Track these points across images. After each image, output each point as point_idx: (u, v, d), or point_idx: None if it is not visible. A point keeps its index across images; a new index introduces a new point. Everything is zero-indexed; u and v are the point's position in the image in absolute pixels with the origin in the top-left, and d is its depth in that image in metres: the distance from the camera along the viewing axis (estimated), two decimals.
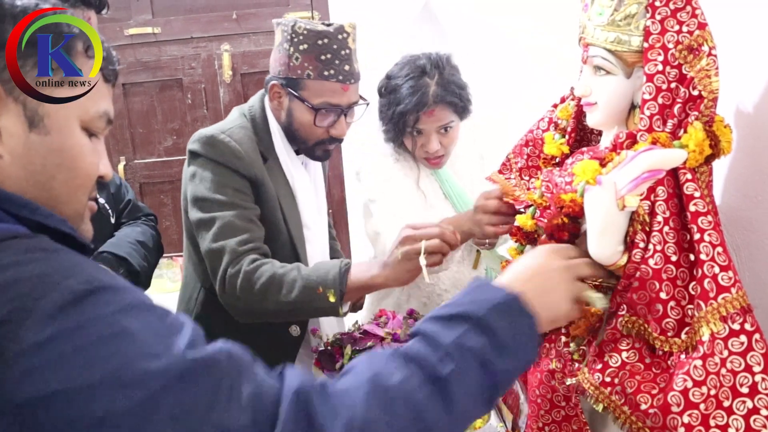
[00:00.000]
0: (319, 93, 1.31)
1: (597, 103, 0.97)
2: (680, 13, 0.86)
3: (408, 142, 1.57)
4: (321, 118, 1.33)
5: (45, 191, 0.64)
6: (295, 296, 1.19)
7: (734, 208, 1.03)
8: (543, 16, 2.34)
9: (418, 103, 1.47)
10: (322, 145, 1.38)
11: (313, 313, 1.28)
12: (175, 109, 3.03)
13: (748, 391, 0.78)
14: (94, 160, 0.68)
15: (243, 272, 1.22)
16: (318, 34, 1.28)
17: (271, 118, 1.38)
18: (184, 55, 2.97)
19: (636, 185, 0.80)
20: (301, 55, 1.29)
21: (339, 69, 1.30)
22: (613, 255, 0.86)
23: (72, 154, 0.65)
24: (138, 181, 3.09)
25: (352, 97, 1.35)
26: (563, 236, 0.92)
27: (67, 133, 0.64)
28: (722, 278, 0.79)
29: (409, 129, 1.52)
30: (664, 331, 0.83)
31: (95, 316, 0.53)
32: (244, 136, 1.33)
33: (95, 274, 0.56)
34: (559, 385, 0.96)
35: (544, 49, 2.30)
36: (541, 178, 1.09)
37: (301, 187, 1.43)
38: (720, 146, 0.87)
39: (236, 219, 1.27)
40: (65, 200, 0.66)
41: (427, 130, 1.52)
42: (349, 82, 1.33)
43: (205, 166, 1.30)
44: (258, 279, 1.21)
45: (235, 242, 1.24)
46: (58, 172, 0.64)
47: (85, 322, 0.52)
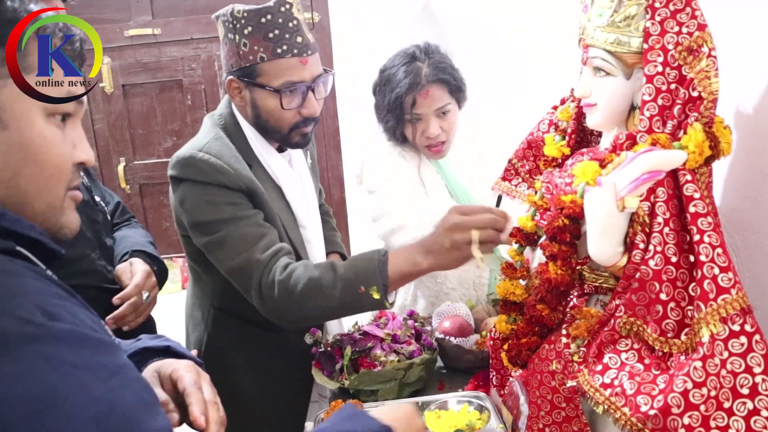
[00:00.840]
0: (277, 74, 1.22)
1: (597, 104, 0.97)
2: (680, 15, 0.86)
3: (408, 131, 1.58)
4: (287, 100, 1.24)
5: (11, 189, 0.61)
6: (338, 300, 1.13)
7: (734, 209, 1.03)
8: (543, 16, 2.34)
9: (412, 84, 1.50)
10: (297, 129, 1.29)
11: (360, 311, 1.21)
12: (175, 110, 3.04)
13: (749, 392, 0.78)
14: (63, 150, 0.64)
15: (277, 282, 1.16)
16: (259, 12, 1.20)
17: (241, 121, 1.32)
18: (184, 56, 2.97)
19: (636, 186, 0.80)
20: (248, 39, 1.21)
21: (291, 42, 1.20)
22: (613, 256, 0.86)
23: (35, 147, 0.61)
24: (138, 182, 3.09)
25: (314, 69, 1.25)
26: (564, 237, 0.92)
27: (27, 125, 0.61)
28: (722, 279, 0.79)
29: (408, 115, 1.54)
30: (663, 332, 0.83)
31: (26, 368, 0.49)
32: (223, 148, 1.26)
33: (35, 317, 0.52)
34: (559, 387, 0.95)
35: (544, 49, 2.30)
36: (541, 179, 1.09)
37: (289, 186, 1.38)
38: (720, 147, 0.87)
39: (246, 228, 1.21)
40: (35, 195, 0.62)
41: (425, 114, 1.54)
42: (306, 53, 1.23)
43: (191, 190, 1.23)
44: (294, 287, 1.15)
45: (257, 252, 1.19)
46: (23, 166, 0.61)
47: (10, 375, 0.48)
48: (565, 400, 0.95)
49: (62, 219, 0.66)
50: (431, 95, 1.53)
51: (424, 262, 1.12)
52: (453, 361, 1.41)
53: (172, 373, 0.79)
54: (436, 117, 1.55)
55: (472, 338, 1.45)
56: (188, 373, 0.78)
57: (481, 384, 1.31)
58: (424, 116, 1.55)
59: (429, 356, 1.32)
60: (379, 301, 1.13)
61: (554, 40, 2.20)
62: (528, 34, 2.38)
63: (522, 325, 1.04)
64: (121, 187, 3.09)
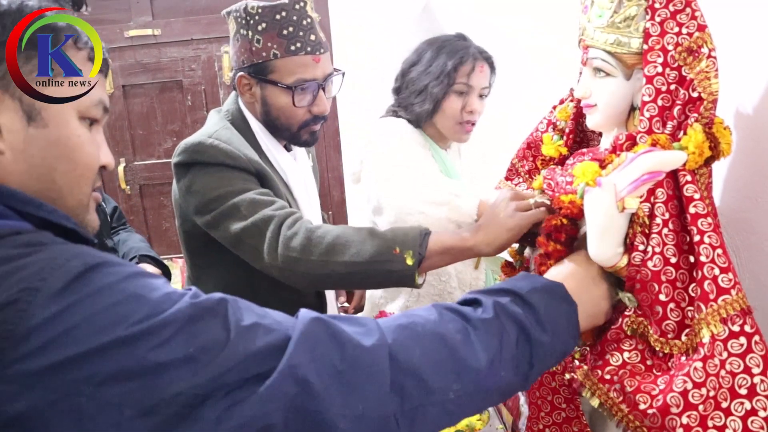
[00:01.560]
0: (291, 71, 1.22)
1: (597, 104, 0.97)
2: (680, 15, 0.86)
3: (450, 103, 1.54)
4: (299, 97, 1.24)
5: (47, 184, 0.65)
6: (368, 257, 1.03)
7: (734, 210, 1.03)
8: (543, 16, 2.34)
9: (473, 54, 1.54)
10: (306, 127, 1.29)
11: (384, 280, 1.09)
12: (175, 111, 3.04)
13: (747, 393, 0.78)
14: (93, 150, 0.68)
15: (304, 230, 1.08)
16: (274, 9, 1.20)
17: (249, 117, 1.31)
18: (184, 56, 2.97)
19: (636, 187, 0.80)
20: (261, 36, 1.20)
21: (305, 40, 1.21)
22: (613, 257, 0.86)
23: (70, 145, 0.65)
24: (138, 183, 3.09)
25: (326, 68, 1.25)
26: (560, 237, 0.92)
27: (65, 124, 0.65)
28: (722, 280, 0.79)
29: (460, 85, 1.53)
30: (664, 333, 0.83)
31: (100, 286, 0.56)
32: (233, 136, 1.24)
33: (94, 254, 0.58)
34: (559, 387, 0.96)
35: (544, 49, 2.30)
36: (542, 175, 1.09)
37: (296, 184, 1.36)
38: (720, 148, 0.87)
39: (258, 195, 1.15)
40: (68, 192, 0.67)
41: (474, 87, 1.55)
42: (319, 52, 1.23)
43: (201, 171, 1.19)
44: (322, 237, 1.07)
45: (272, 210, 1.12)
46: (58, 163, 0.65)
47: (92, 293, 0.55)
48: (566, 401, 0.95)
49: (87, 217, 0.71)
50: (484, 71, 1.57)
51: (470, 238, 1.04)
52: None
53: None
54: (478, 96, 1.58)
55: None
56: None
57: None
58: (473, 89, 1.56)
59: None
60: (410, 269, 1.03)
61: (554, 40, 2.20)
62: (528, 34, 2.39)
63: None
64: (121, 188, 3.09)
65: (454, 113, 1.55)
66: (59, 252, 0.57)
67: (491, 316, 0.70)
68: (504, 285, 0.76)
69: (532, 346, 0.71)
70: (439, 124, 1.59)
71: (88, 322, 0.54)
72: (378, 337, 0.64)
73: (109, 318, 0.54)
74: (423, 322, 0.67)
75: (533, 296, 0.74)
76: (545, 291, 0.76)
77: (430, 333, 0.66)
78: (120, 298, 0.56)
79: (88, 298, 0.54)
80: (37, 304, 0.52)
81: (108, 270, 0.57)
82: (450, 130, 1.59)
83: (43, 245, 0.58)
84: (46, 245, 0.58)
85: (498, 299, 0.72)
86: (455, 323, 0.69)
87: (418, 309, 0.68)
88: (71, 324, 0.53)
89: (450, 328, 0.68)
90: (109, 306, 0.55)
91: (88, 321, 0.54)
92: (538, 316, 0.72)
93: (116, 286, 0.56)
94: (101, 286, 0.56)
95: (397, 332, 0.65)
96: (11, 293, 0.52)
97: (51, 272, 0.54)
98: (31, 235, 0.59)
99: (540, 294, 0.75)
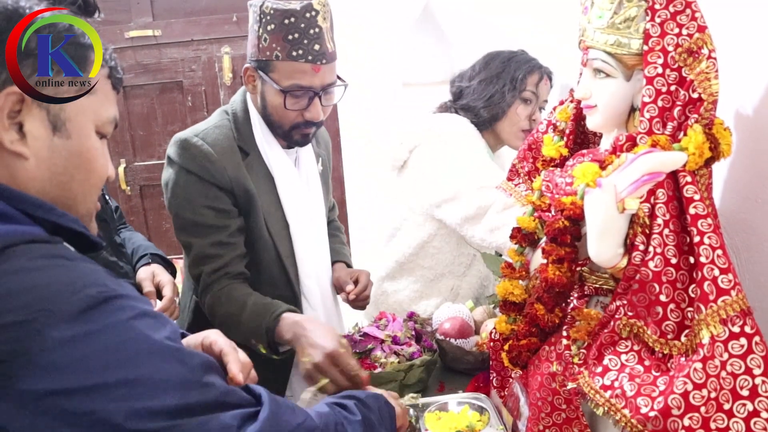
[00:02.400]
0: (288, 75, 1.26)
1: (597, 105, 0.97)
2: (680, 16, 0.86)
3: (516, 109, 1.67)
4: (291, 102, 1.28)
5: (65, 191, 0.67)
6: (242, 338, 1.18)
7: (734, 211, 1.03)
8: (543, 16, 2.34)
9: (540, 66, 1.68)
10: (298, 129, 1.34)
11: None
12: (175, 112, 3.03)
13: (749, 394, 0.78)
14: (105, 162, 0.72)
15: (209, 298, 1.31)
16: (284, 13, 1.23)
17: (251, 110, 1.36)
18: (185, 57, 2.97)
19: (636, 188, 0.80)
20: (269, 35, 1.25)
21: (308, 49, 1.24)
22: (613, 257, 0.86)
23: (89, 156, 0.69)
24: (138, 184, 3.09)
25: (325, 78, 1.29)
26: (565, 239, 0.92)
27: (86, 136, 0.68)
28: (722, 281, 0.79)
29: (528, 93, 1.66)
30: (663, 333, 0.83)
31: (114, 321, 0.58)
32: (219, 135, 1.31)
33: (109, 284, 0.61)
34: (559, 388, 0.96)
35: (544, 49, 2.30)
36: (541, 178, 1.09)
37: (283, 179, 1.39)
38: (720, 149, 0.87)
39: (207, 248, 1.31)
40: (81, 200, 0.70)
41: (539, 97, 1.68)
42: (321, 62, 1.26)
43: (178, 176, 1.30)
44: (217, 311, 1.30)
45: (208, 270, 1.31)
46: (77, 173, 0.68)
47: (104, 327, 0.57)
48: (566, 401, 0.95)
49: (90, 224, 0.73)
50: (547, 84, 1.70)
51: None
52: (453, 362, 1.41)
53: (204, 339, 0.85)
54: (538, 108, 1.70)
55: (472, 340, 1.44)
56: (221, 337, 0.85)
57: (482, 385, 1.31)
58: (537, 99, 1.68)
59: (429, 358, 1.32)
60: (266, 355, 1.22)
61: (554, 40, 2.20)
62: (528, 33, 2.38)
63: (522, 326, 1.04)
64: (122, 189, 3.09)
65: (519, 120, 1.68)
66: (78, 274, 0.59)
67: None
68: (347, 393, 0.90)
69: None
70: (501, 128, 1.70)
71: (97, 356, 0.56)
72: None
73: (118, 356, 0.57)
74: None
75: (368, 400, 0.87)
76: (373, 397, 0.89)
77: None
78: (131, 335, 0.59)
79: (100, 332, 0.57)
80: (52, 327, 0.54)
81: (122, 303, 0.60)
82: (511, 136, 1.71)
83: (62, 259, 0.60)
84: (65, 260, 0.60)
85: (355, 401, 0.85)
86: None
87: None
88: (81, 354, 0.55)
89: None
90: (119, 343, 0.57)
91: (97, 355, 0.56)
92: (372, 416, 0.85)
93: (128, 323, 0.59)
94: (114, 321, 0.58)
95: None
96: (30, 311, 0.54)
97: (69, 296, 0.56)
98: (46, 246, 0.60)
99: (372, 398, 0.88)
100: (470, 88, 1.70)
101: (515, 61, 1.68)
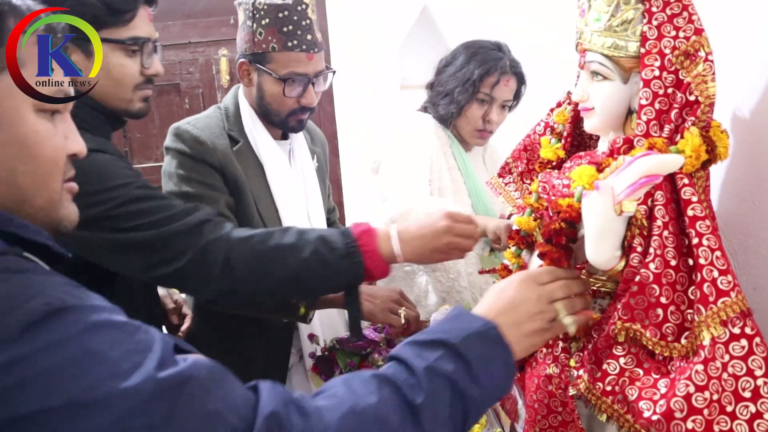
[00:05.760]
0: (285, 64, 1.35)
1: (594, 108, 0.97)
2: (677, 19, 0.86)
3: (472, 111, 1.67)
4: (290, 89, 1.37)
5: (10, 187, 0.61)
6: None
7: (731, 213, 1.04)
8: (541, 15, 2.35)
9: (502, 66, 1.64)
10: (294, 116, 1.42)
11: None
12: (172, 114, 3.03)
13: (751, 396, 0.78)
14: (57, 142, 0.65)
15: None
16: (278, 8, 1.33)
17: (243, 104, 1.44)
18: (182, 59, 2.97)
19: (633, 190, 0.80)
20: (264, 29, 1.34)
21: (302, 39, 1.34)
22: (611, 260, 0.86)
23: (29, 143, 0.62)
24: None
25: (317, 65, 1.39)
26: (561, 241, 0.92)
27: (19, 121, 0.61)
28: (721, 282, 0.79)
29: (482, 95, 1.65)
30: (664, 336, 0.83)
31: (59, 338, 0.52)
32: (209, 123, 1.39)
33: (59, 295, 0.54)
34: (556, 390, 0.95)
35: (544, 48, 2.31)
36: (538, 179, 1.09)
37: (272, 165, 1.43)
38: (717, 151, 0.87)
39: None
40: (34, 192, 0.63)
41: (496, 99, 1.66)
42: (313, 51, 1.37)
43: (173, 159, 1.35)
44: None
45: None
46: (19, 164, 0.61)
47: (49, 344, 0.51)
48: (562, 404, 0.95)
49: (61, 212, 0.67)
50: (509, 85, 1.67)
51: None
52: None
53: None
54: (500, 107, 1.69)
55: None
56: None
57: None
58: (495, 99, 1.67)
59: None
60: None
61: (553, 39, 2.21)
62: (527, 32, 2.39)
63: None
64: None
65: (473, 120, 1.69)
66: (20, 287, 0.53)
67: (424, 396, 0.66)
68: (434, 335, 0.72)
69: (466, 403, 0.68)
70: (460, 126, 1.72)
71: (41, 379, 0.50)
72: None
73: (63, 377, 0.50)
74: (364, 408, 0.63)
75: (465, 347, 0.70)
76: (478, 337, 0.72)
77: (371, 423, 0.63)
78: (78, 354, 0.52)
79: (44, 351, 0.51)
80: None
81: (70, 318, 0.53)
82: (468, 134, 1.72)
83: (6, 272, 0.54)
84: (10, 273, 0.54)
85: (429, 360, 0.68)
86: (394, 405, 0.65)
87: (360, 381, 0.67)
88: (23, 377, 0.49)
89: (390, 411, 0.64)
90: (66, 362, 0.51)
91: (41, 377, 0.50)
92: (471, 369, 0.69)
93: (76, 339, 0.52)
94: (60, 338, 0.52)
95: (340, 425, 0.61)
96: None
97: (9, 312, 0.51)
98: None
99: (472, 342, 0.71)
100: (437, 81, 1.74)
101: (477, 60, 1.66)
